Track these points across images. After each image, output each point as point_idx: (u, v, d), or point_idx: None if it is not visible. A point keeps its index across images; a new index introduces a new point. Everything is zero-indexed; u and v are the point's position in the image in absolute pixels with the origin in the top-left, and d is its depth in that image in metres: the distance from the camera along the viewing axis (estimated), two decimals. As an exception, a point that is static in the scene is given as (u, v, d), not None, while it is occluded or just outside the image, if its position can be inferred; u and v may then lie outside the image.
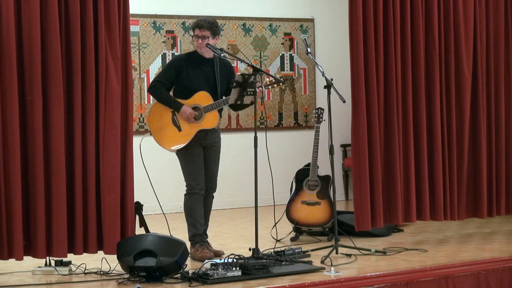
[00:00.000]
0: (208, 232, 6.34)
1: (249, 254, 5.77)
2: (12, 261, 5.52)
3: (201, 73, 6.22)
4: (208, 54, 6.25)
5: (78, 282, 5.40)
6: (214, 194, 6.38)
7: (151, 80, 9.06)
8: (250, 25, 9.79)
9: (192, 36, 6.29)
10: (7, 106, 5.40)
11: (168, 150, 6.21)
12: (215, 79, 6.24)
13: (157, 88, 6.20)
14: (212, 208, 6.44)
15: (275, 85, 6.34)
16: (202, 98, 6.17)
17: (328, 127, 6.22)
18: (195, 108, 6.15)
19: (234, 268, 5.31)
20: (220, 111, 6.24)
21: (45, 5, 5.48)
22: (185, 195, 6.25)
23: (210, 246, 6.28)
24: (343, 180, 10.21)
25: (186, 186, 6.25)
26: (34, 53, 5.44)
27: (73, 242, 5.60)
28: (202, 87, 6.19)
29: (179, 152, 6.21)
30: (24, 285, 5.33)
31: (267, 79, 6.34)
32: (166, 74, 6.25)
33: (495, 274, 5.86)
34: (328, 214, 6.91)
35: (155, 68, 9.24)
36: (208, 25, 6.21)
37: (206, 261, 5.58)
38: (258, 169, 5.82)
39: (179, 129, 6.16)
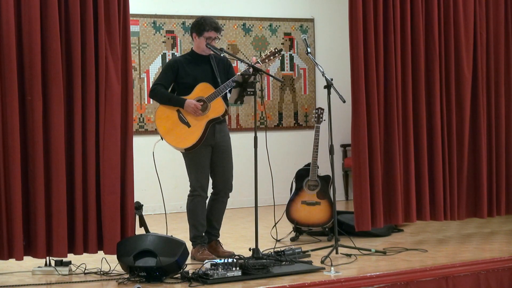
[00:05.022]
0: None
1: (249, 254, 5.78)
2: (12, 261, 5.52)
3: (199, 70, 6.19)
4: (205, 52, 6.24)
5: (78, 282, 5.41)
6: (230, 194, 6.34)
7: (151, 80, 9.18)
8: (250, 25, 9.79)
9: (197, 36, 6.22)
10: (7, 106, 5.40)
11: (183, 149, 6.12)
12: (214, 73, 6.22)
13: (157, 90, 6.14)
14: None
15: (272, 57, 6.32)
16: (204, 89, 6.14)
17: (328, 127, 6.22)
18: (199, 101, 6.11)
19: (234, 268, 5.31)
20: (225, 100, 6.20)
21: (45, 5, 5.48)
22: (188, 196, 6.22)
23: (221, 246, 6.27)
24: (343, 180, 10.21)
25: (190, 187, 6.22)
26: (34, 53, 5.44)
27: (73, 242, 5.60)
28: (202, 81, 6.17)
29: (185, 153, 6.19)
30: (24, 285, 5.33)
31: (263, 55, 6.33)
32: (164, 76, 6.20)
33: (495, 274, 5.86)
34: (328, 214, 6.91)
35: (155, 68, 9.24)
36: (221, 27, 6.23)
37: (206, 261, 5.58)
38: (258, 169, 5.82)
39: (188, 126, 6.10)
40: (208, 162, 6.17)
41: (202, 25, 6.18)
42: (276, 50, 6.37)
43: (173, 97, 6.14)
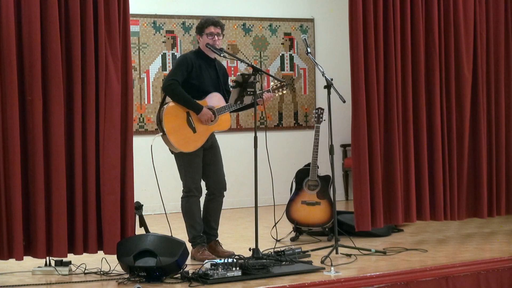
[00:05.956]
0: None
1: (249, 254, 5.78)
2: (12, 261, 5.52)
3: (207, 74, 6.20)
4: (212, 53, 6.25)
5: (78, 282, 5.41)
6: (225, 193, 6.35)
7: (151, 80, 9.19)
8: (250, 25, 9.79)
9: (199, 35, 6.24)
10: (7, 106, 5.40)
11: (180, 151, 6.11)
12: (219, 80, 6.24)
13: (175, 87, 6.06)
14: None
15: (280, 89, 6.38)
16: (215, 99, 6.16)
17: (328, 127, 6.22)
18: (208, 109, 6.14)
19: (234, 268, 5.31)
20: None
21: (45, 5, 5.48)
22: (182, 197, 6.22)
23: (221, 246, 6.27)
24: (343, 180, 10.21)
25: (183, 187, 6.22)
26: (34, 53, 5.44)
27: (73, 242, 5.60)
28: (210, 87, 6.18)
29: (179, 154, 6.19)
30: (24, 285, 5.33)
31: (272, 84, 6.37)
32: (179, 72, 6.13)
33: (495, 274, 5.86)
34: (328, 214, 6.91)
35: (155, 68, 9.24)
36: (221, 23, 6.23)
37: (206, 261, 5.58)
38: (258, 169, 5.82)
39: (194, 131, 6.11)
40: (201, 163, 6.18)
41: (201, 24, 6.23)
42: (284, 83, 6.41)
43: (191, 100, 6.07)
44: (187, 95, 6.10)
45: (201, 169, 6.19)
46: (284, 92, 6.49)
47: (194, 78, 6.14)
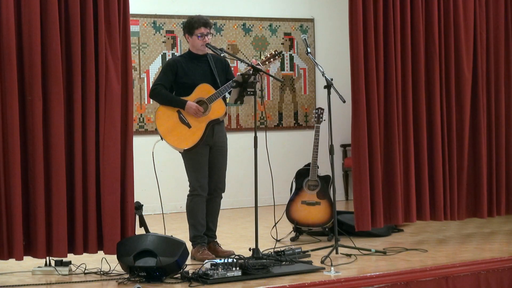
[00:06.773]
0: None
1: (249, 254, 5.78)
2: (12, 261, 5.52)
3: (198, 69, 6.21)
4: (202, 51, 6.25)
5: (78, 282, 5.41)
6: (222, 194, 6.35)
7: (151, 80, 9.19)
8: (250, 25, 9.79)
9: (189, 36, 6.26)
10: (7, 106, 5.40)
11: (183, 149, 6.13)
12: (213, 73, 6.24)
13: (158, 90, 6.14)
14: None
15: (272, 59, 6.36)
16: (204, 90, 6.15)
17: (328, 127, 6.22)
18: (199, 102, 6.13)
19: (234, 268, 5.31)
20: (224, 100, 6.21)
21: (45, 5, 5.49)
22: (188, 196, 6.23)
23: (220, 246, 6.27)
24: (343, 180, 10.21)
25: (189, 186, 6.23)
26: (34, 53, 5.44)
27: (73, 242, 5.60)
28: (202, 81, 6.19)
29: (184, 153, 6.19)
30: (24, 285, 5.33)
31: (263, 57, 6.36)
32: (164, 76, 6.21)
33: (495, 274, 5.86)
34: (328, 214, 6.91)
35: (155, 68, 9.24)
36: (211, 23, 6.24)
37: (206, 261, 5.57)
38: (258, 169, 5.82)
39: (189, 126, 6.11)
40: (207, 162, 6.18)
41: (191, 24, 6.23)
42: (276, 52, 6.39)
43: (174, 98, 6.14)
44: (170, 95, 6.16)
45: (206, 168, 6.18)
46: (279, 58, 6.45)
47: (182, 77, 6.17)
